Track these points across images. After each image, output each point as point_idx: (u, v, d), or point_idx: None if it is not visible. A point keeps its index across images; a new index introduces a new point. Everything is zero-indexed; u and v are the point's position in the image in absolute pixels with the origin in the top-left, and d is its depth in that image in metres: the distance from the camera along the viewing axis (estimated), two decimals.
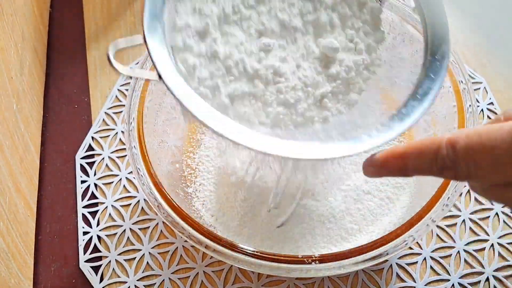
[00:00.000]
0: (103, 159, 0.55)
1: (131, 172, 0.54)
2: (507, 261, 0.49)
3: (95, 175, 0.55)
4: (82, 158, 0.56)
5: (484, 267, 0.49)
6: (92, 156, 0.56)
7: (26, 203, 0.50)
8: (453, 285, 0.48)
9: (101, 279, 0.49)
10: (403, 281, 0.48)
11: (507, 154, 0.28)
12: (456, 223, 0.51)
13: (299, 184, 0.48)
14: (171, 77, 0.34)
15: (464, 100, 0.45)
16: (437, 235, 0.50)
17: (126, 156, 0.55)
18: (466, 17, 0.65)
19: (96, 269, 0.50)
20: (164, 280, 0.49)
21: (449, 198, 0.41)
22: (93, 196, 0.53)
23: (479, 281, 0.48)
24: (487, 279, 0.48)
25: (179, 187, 0.49)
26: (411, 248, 0.50)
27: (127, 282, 0.49)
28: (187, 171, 0.52)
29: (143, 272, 0.49)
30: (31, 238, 0.50)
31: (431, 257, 0.49)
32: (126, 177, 0.54)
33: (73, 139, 0.57)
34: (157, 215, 0.51)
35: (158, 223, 0.51)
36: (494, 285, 0.48)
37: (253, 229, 0.48)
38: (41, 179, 0.55)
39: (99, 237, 0.51)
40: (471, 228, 0.51)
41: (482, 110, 0.58)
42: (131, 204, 0.53)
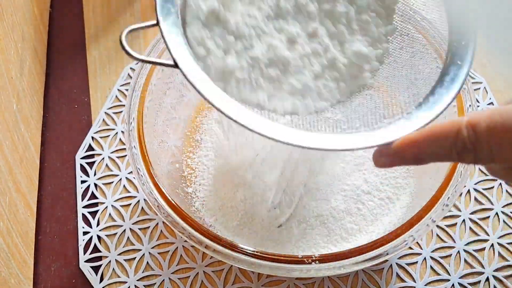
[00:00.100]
0: (103, 159, 0.55)
1: (131, 172, 0.54)
2: (507, 261, 0.49)
3: (95, 175, 0.55)
4: (82, 158, 0.56)
5: (484, 267, 0.49)
6: (92, 156, 0.56)
7: (26, 203, 0.50)
8: (453, 285, 0.48)
9: (101, 279, 0.49)
10: (403, 281, 0.48)
11: None
12: (456, 223, 0.51)
13: (300, 183, 0.48)
14: (185, 61, 0.33)
15: (464, 100, 0.45)
16: (437, 235, 0.50)
17: (126, 156, 0.55)
18: None
19: (96, 269, 0.50)
20: (164, 280, 0.49)
21: (449, 198, 0.41)
22: (93, 196, 0.53)
23: (479, 281, 0.48)
24: (487, 279, 0.48)
25: (179, 187, 0.49)
26: (411, 248, 0.50)
27: (127, 282, 0.49)
28: (187, 171, 0.52)
29: (143, 272, 0.49)
30: (31, 238, 0.50)
31: (431, 257, 0.49)
32: (126, 177, 0.54)
33: (73, 139, 0.57)
34: (157, 215, 0.51)
35: (158, 223, 0.51)
36: (494, 285, 0.48)
37: (253, 229, 0.48)
38: (41, 179, 0.55)
39: (99, 237, 0.51)
40: (471, 228, 0.51)
41: (482, 110, 0.58)
42: (131, 204, 0.53)
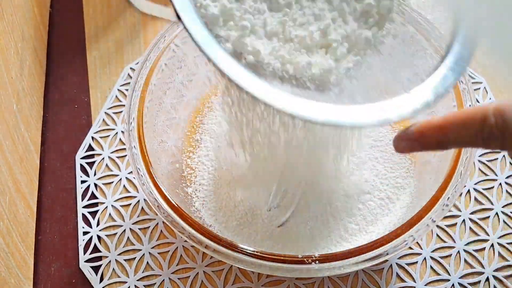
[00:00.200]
0: (103, 159, 0.55)
1: (131, 172, 0.54)
2: (507, 261, 0.49)
3: (95, 175, 0.55)
4: (82, 158, 0.56)
5: (484, 267, 0.49)
6: (92, 156, 0.56)
7: (26, 203, 0.50)
8: (453, 285, 0.48)
9: (101, 279, 0.49)
10: (403, 281, 0.48)
11: None
12: (456, 223, 0.51)
13: (300, 183, 0.48)
14: (189, 18, 0.32)
15: (464, 100, 0.45)
16: (437, 235, 0.50)
17: (126, 156, 0.55)
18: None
19: (96, 269, 0.50)
20: (164, 280, 0.49)
21: (449, 198, 0.41)
22: (93, 196, 0.53)
23: (479, 281, 0.48)
24: (487, 279, 0.48)
25: (179, 187, 0.49)
26: (411, 248, 0.50)
27: (127, 282, 0.49)
28: (187, 171, 0.52)
29: (143, 272, 0.49)
30: (31, 238, 0.50)
31: (431, 257, 0.49)
32: (126, 177, 0.54)
33: (73, 139, 0.57)
34: (157, 215, 0.51)
35: (158, 223, 0.51)
36: (494, 285, 0.48)
37: (253, 229, 0.48)
38: (41, 179, 0.55)
39: (99, 237, 0.51)
40: (471, 228, 0.51)
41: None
42: (131, 204, 0.53)
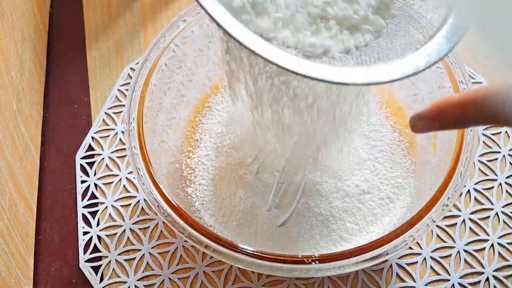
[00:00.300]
0: (103, 159, 0.55)
1: (131, 172, 0.54)
2: (507, 261, 0.49)
3: (95, 175, 0.55)
4: (82, 158, 0.56)
5: (484, 267, 0.49)
6: (92, 156, 0.56)
7: (26, 203, 0.50)
8: (453, 285, 0.48)
9: (101, 279, 0.49)
10: (403, 281, 0.48)
11: None
12: (456, 223, 0.51)
13: (300, 183, 0.48)
14: None
15: None
16: (437, 235, 0.50)
17: (126, 156, 0.55)
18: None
19: (96, 269, 0.50)
20: (164, 280, 0.49)
21: (449, 198, 0.41)
22: (93, 196, 0.53)
23: (479, 281, 0.48)
24: (487, 279, 0.48)
25: (179, 187, 0.49)
26: (411, 248, 0.50)
27: (127, 282, 0.49)
28: (187, 171, 0.52)
29: (143, 272, 0.49)
30: (31, 238, 0.50)
31: (431, 257, 0.49)
32: (126, 177, 0.54)
33: (73, 139, 0.57)
34: (157, 215, 0.51)
35: (158, 223, 0.51)
36: (494, 285, 0.48)
37: (253, 229, 0.48)
38: (41, 179, 0.55)
39: (99, 237, 0.51)
40: (471, 228, 0.51)
41: None
42: (131, 204, 0.53)
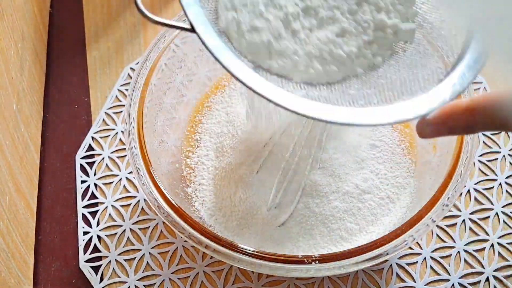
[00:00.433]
0: (103, 159, 0.55)
1: (131, 172, 0.54)
2: (507, 261, 0.49)
3: (95, 175, 0.55)
4: (82, 158, 0.56)
5: (484, 267, 0.49)
6: (92, 156, 0.56)
7: (26, 203, 0.50)
8: (453, 285, 0.48)
9: (101, 279, 0.49)
10: (403, 281, 0.48)
11: None
12: (456, 223, 0.51)
13: (300, 183, 0.48)
14: (202, 25, 0.33)
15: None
16: (437, 235, 0.50)
17: (126, 156, 0.55)
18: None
19: (96, 269, 0.50)
20: (164, 280, 0.49)
21: (449, 198, 0.41)
22: (93, 196, 0.53)
23: (479, 281, 0.48)
24: (487, 279, 0.48)
25: (179, 187, 0.49)
26: (411, 248, 0.50)
27: (127, 282, 0.49)
28: (186, 170, 0.52)
29: (143, 272, 0.49)
30: (31, 238, 0.50)
31: (431, 257, 0.49)
32: (126, 177, 0.54)
33: (73, 139, 0.57)
34: (157, 215, 0.51)
35: (158, 223, 0.51)
36: (494, 285, 0.48)
37: (253, 229, 0.48)
38: (41, 179, 0.55)
39: (99, 237, 0.51)
40: (471, 228, 0.51)
41: None
42: (131, 204, 0.53)
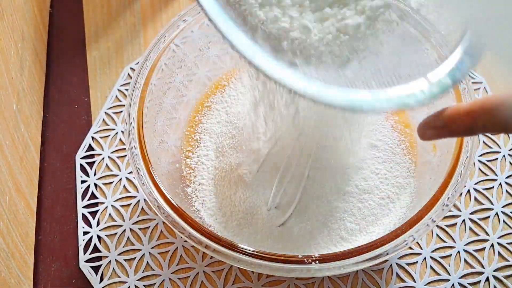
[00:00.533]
0: (103, 159, 0.55)
1: (131, 172, 0.54)
2: (507, 261, 0.49)
3: (95, 175, 0.55)
4: (82, 158, 0.56)
5: (484, 267, 0.49)
6: (92, 156, 0.56)
7: (26, 203, 0.50)
8: (453, 285, 0.48)
9: (101, 279, 0.49)
10: (403, 281, 0.48)
11: None
12: (456, 223, 0.51)
13: (300, 183, 0.48)
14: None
15: (464, 100, 0.45)
16: (437, 235, 0.50)
17: (126, 156, 0.55)
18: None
19: (96, 269, 0.50)
20: (164, 280, 0.49)
21: (449, 198, 0.41)
22: (93, 196, 0.53)
23: (479, 281, 0.48)
24: (487, 279, 0.48)
25: (179, 187, 0.49)
26: (411, 248, 0.50)
27: (127, 282, 0.49)
28: (186, 170, 0.52)
29: (143, 272, 0.49)
30: (31, 238, 0.50)
31: (431, 257, 0.49)
32: (126, 177, 0.54)
33: (73, 139, 0.57)
34: (157, 215, 0.51)
35: (158, 223, 0.51)
36: (494, 285, 0.48)
37: (253, 229, 0.48)
38: (41, 179, 0.55)
39: (99, 237, 0.51)
40: (471, 228, 0.51)
41: None
42: (131, 204, 0.53)
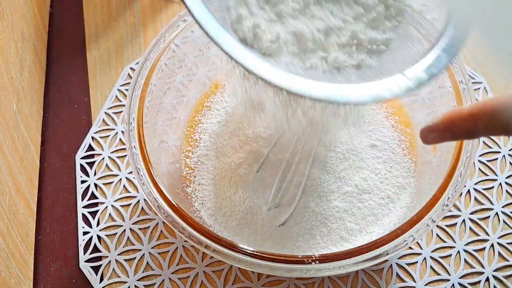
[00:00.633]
0: (103, 159, 0.55)
1: (131, 172, 0.54)
2: (507, 261, 0.49)
3: (95, 175, 0.55)
4: (82, 158, 0.56)
5: (484, 267, 0.49)
6: (92, 156, 0.56)
7: (26, 203, 0.50)
8: (453, 285, 0.48)
9: (101, 279, 0.49)
10: (403, 281, 0.48)
11: None
12: (456, 223, 0.51)
13: (300, 183, 0.48)
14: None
15: (464, 100, 0.45)
16: (437, 235, 0.50)
17: (126, 156, 0.55)
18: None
19: (96, 269, 0.50)
20: (164, 280, 0.49)
21: (449, 198, 0.41)
22: (93, 196, 0.53)
23: (479, 281, 0.48)
24: (487, 279, 0.48)
25: (179, 187, 0.49)
26: (411, 248, 0.50)
27: (127, 282, 0.49)
28: (186, 170, 0.52)
29: (143, 272, 0.49)
30: (31, 238, 0.50)
31: (431, 257, 0.49)
32: (126, 177, 0.54)
33: (73, 139, 0.57)
34: (157, 215, 0.51)
35: (158, 223, 0.51)
36: (494, 285, 0.48)
37: (253, 229, 0.48)
38: (41, 179, 0.55)
39: (99, 237, 0.51)
40: (471, 228, 0.51)
41: None
42: (131, 204, 0.53)
